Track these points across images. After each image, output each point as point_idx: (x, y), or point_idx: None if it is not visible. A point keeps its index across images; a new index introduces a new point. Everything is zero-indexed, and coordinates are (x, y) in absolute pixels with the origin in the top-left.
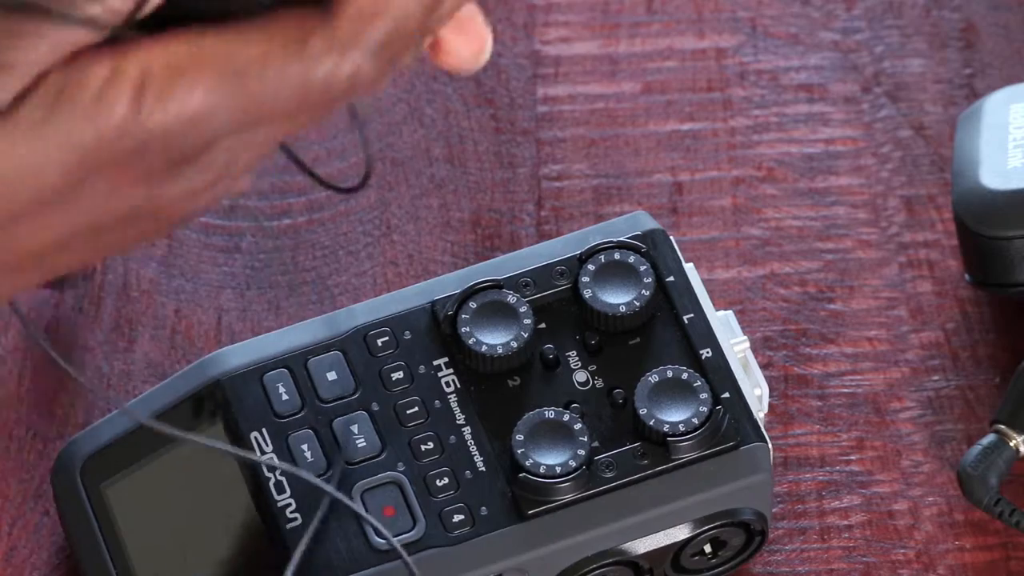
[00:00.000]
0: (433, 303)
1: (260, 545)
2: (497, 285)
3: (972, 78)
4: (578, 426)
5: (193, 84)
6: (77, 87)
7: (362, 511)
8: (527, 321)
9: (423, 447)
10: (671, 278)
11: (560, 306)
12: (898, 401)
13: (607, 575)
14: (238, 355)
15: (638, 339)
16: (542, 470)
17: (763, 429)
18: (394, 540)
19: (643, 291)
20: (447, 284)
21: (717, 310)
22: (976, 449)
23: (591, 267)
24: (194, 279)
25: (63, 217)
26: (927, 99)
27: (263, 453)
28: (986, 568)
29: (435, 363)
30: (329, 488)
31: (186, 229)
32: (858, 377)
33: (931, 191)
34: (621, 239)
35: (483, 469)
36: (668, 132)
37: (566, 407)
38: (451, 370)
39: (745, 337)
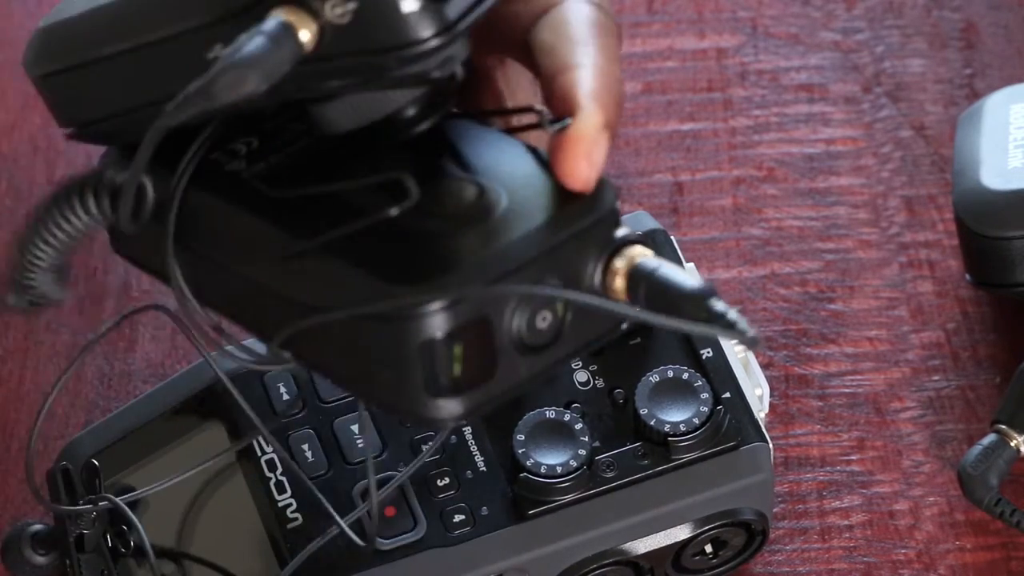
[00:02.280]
0: None
1: (260, 544)
2: None
3: (972, 78)
4: (579, 426)
5: None
6: None
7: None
8: None
9: (423, 447)
10: None
11: None
12: (898, 401)
13: (608, 575)
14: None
15: (639, 339)
16: (543, 470)
17: (764, 429)
18: None
19: None
20: None
21: None
22: (977, 449)
23: None
24: None
25: None
26: (927, 99)
27: (263, 453)
28: (987, 568)
29: None
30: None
31: None
32: (859, 377)
33: (931, 191)
34: None
35: (484, 469)
36: (669, 132)
37: (567, 407)
38: None
39: None
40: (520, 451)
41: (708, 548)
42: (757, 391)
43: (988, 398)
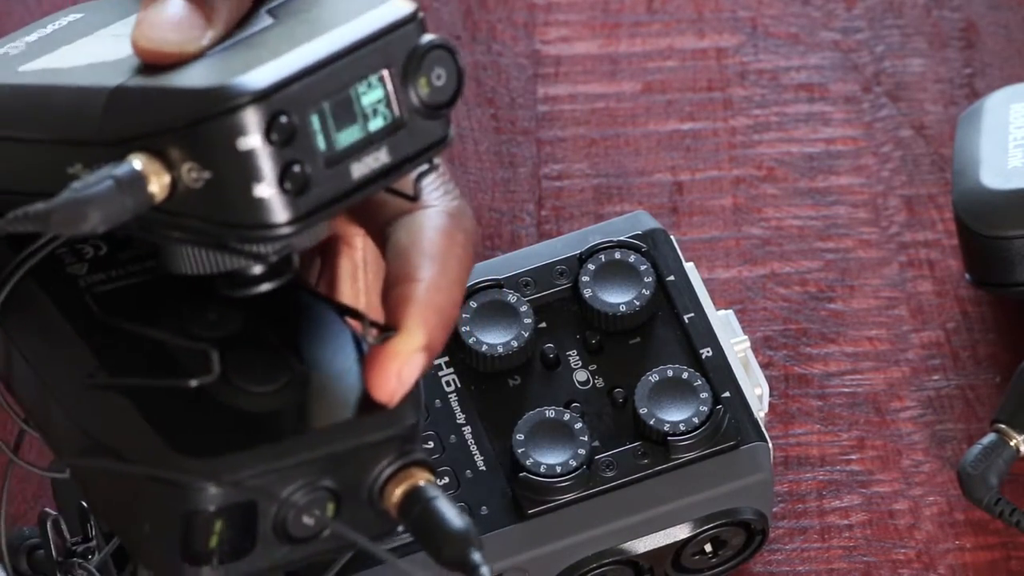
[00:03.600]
0: None
1: None
2: (497, 284)
3: (972, 78)
4: (578, 425)
5: None
6: None
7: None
8: (527, 320)
9: (423, 446)
10: (671, 277)
11: (560, 305)
12: (898, 401)
13: (607, 575)
14: None
15: (638, 338)
16: (542, 469)
17: (763, 428)
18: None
19: (643, 290)
20: None
21: (717, 309)
22: (976, 449)
23: (591, 266)
24: None
25: None
26: (927, 99)
27: None
28: (986, 568)
29: (435, 362)
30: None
31: None
32: (858, 377)
33: (931, 191)
34: (621, 238)
35: (483, 468)
36: (668, 132)
37: (566, 406)
38: (451, 369)
39: (745, 336)
40: (520, 450)
41: (708, 548)
42: (757, 390)
43: (988, 398)
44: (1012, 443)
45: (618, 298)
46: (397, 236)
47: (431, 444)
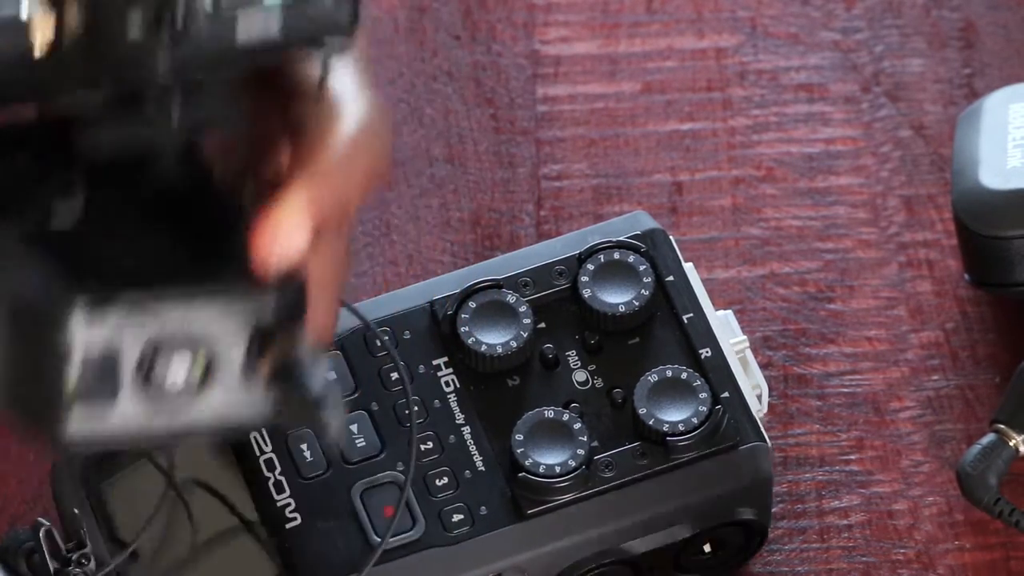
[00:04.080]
0: (433, 303)
1: (260, 545)
2: (497, 285)
3: (972, 78)
4: (577, 426)
5: None
6: None
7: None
8: (527, 321)
9: (423, 447)
10: (671, 278)
11: (560, 306)
12: (898, 401)
13: (607, 575)
14: None
15: (637, 339)
16: (542, 470)
17: (763, 429)
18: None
19: (642, 291)
20: (447, 284)
21: (717, 310)
22: (976, 449)
23: (590, 267)
24: None
25: None
26: (927, 99)
27: (262, 453)
28: (986, 568)
29: (435, 363)
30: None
31: None
32: (858, 377)
33: (931, 191)
34: (621, 239)
35: (483, 469)
36: (668, 132)
37: (565, 407)
38: (451, 370)
39: (745, 337)
40: (519, 451)
41: (707, 548)
42: (756, 391)
43: (987, 398)
44: (1011, 443)
45: (617, 298)
46: (309, 124)
47: (431, 444)
